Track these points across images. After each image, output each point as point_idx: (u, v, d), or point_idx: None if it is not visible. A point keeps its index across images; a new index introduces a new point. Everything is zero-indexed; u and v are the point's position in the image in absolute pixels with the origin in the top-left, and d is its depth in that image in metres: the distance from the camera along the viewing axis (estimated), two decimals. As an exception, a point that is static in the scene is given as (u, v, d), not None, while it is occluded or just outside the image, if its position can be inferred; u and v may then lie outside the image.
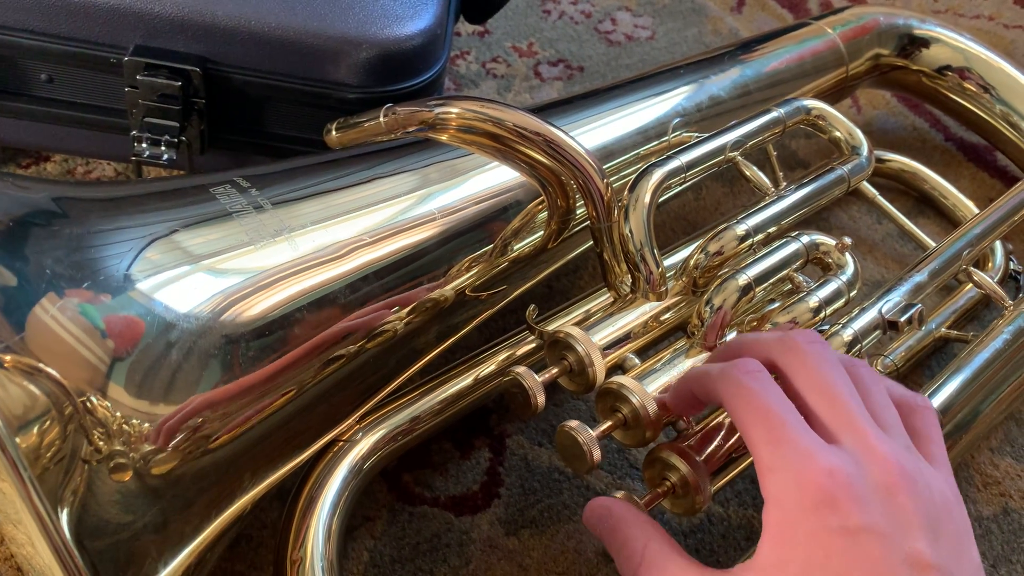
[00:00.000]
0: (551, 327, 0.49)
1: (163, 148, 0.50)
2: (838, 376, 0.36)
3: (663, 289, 0.43)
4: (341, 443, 0.42)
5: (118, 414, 0.31)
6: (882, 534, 0.32)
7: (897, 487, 0.34)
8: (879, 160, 0.68)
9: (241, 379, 0.34)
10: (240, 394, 0.34)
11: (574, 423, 0.40)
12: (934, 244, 0.60)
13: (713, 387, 0.37)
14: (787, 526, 0.33)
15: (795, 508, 0.33)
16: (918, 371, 0.59)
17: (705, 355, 0.43)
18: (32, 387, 0.29)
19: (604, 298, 0.51)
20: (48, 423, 0.29)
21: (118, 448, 0.30)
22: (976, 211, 0.66)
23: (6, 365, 0.29)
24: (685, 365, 0.42)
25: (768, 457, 0.34)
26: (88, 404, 0.30)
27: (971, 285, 0.58)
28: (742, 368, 0.36)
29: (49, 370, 0.29)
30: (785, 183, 0.59)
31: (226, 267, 0.36)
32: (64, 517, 0.29)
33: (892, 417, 0.37)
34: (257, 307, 0.36)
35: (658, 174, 0.45)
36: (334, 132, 0.47)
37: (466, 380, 0.47)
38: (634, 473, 0.51)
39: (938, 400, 0.48)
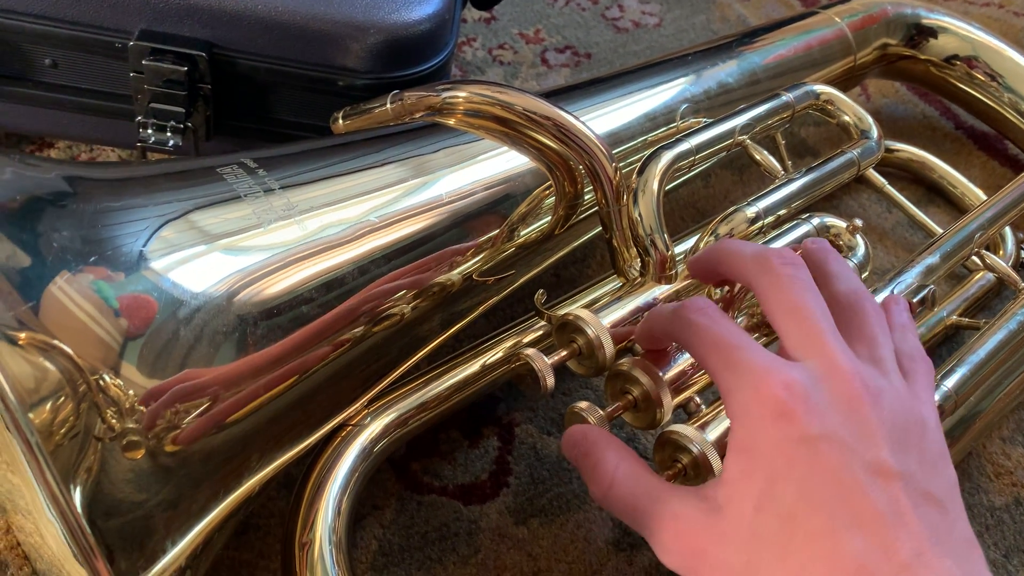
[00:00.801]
0: (560, 312, 0.48)
1: (168, 134, 0.50)
2: (809, 298, 0.37)
3: (673, 272, 0.43)
4: (350, 427, 0.42)
5: (131, 393, 0.31)
6: (842, 442, 0.33)
7: (859, 399, 0.34)
8: (887, 150, 0.68)
9: (249, 358, 0.34)
10: (248, 374, 0.34)
11: (583, 404, 0.40)
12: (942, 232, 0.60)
13: (668, 329, 0.38)
14: (749, 440, 0.34)
15: (756, 422, 0.34)
16: (930, 358, 0.58)
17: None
18: (46, 363, 0.29)
19: (613, 285, 0.50)
20: (62, 399, 0.29)
21: (131, 426, 0.30)
22: (984, 199, 0.66)
23: (20, 342, 0.29)
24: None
25: (727, 380, 0.35)
26: (101, 382, 0.30)
27: (982, 273, 0.58)
28: (691, 308, 0.37)
29: (63, 347, 0.29)
30: (794, 171, 0.58)
31: (237, 248, 0.36)
32: (77, 495, 0.29)
33: (885, 348, 0.37)
34: (268, 288, 0.36)
35: (667, 157, 0.45)
36: (340, 120, 0.46)
37: (473, 366, 0.47)
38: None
39: (950, 383, 0.47)
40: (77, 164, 0.37)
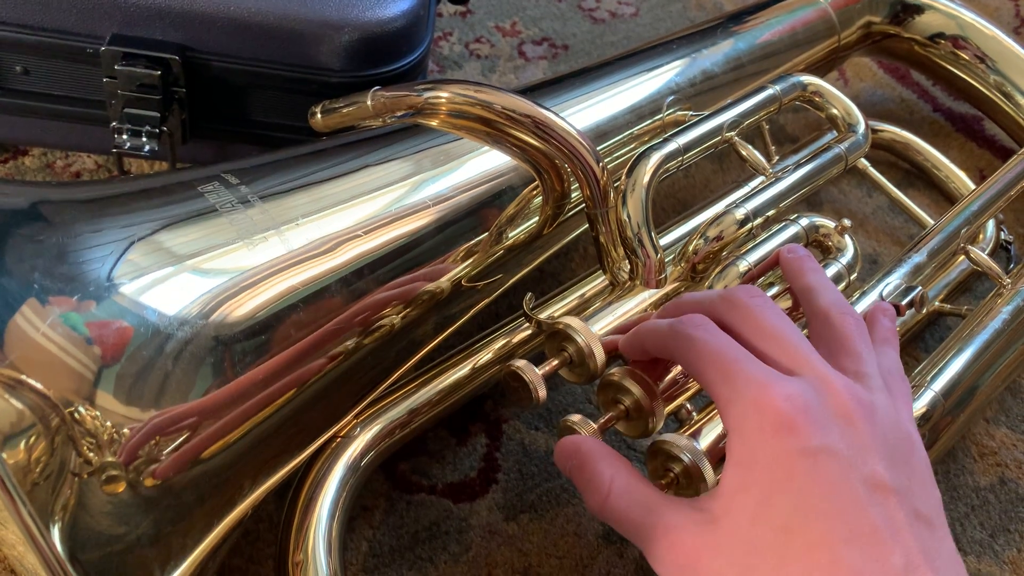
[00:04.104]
0: (547, 313, 0.48)
1: (144, 139, 0.49)
2: (785, 322, 0.37)
3: (662, 277, 0.43)
4: (339, 439, 0.42)
5: (108, 423, 0.30)
6: (841, 455, 0.33)
7: (855, 414, 0.34)
8: (872, 130, 0.68)
9: (237, 381, 0.33)
10: (236, 396, 0.33)
11: (576, 417, 0.40)
12: (927, 217, 0.60)
13: (663, 344, 0.38)
14: (748, 452, 0.34)
15: (755, 434, 0.34)
16: (913, 344, 0.59)
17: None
18: (15, 401, 0.28)
19: (599, 281, 0.50)
20: (35, 437, 0.28)
21: (109, 459, 0.30)
22: (968, 183, 0.66)
23: None
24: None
25: (726, 393, 0.35)
26: (76, 415, 0.29)
27: (963, 257, 0.58)
28: (688, 323, 0.37)
29: (32, 382, 0.29)
30: (777, 158, 0.58)
31: (215, 266, 0.35)
32: (56, 532, 0.28)
33: (869, 364, 0.38)
34: (249, 306, 0.35)
35: (656, 158, 0.44)
36: (319, 115, 0.46)
37: (463, 370, 0.46)
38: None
39: (941, 383, 0.48)
40: (48, 186, 0.36)
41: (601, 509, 0.37)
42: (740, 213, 0.47)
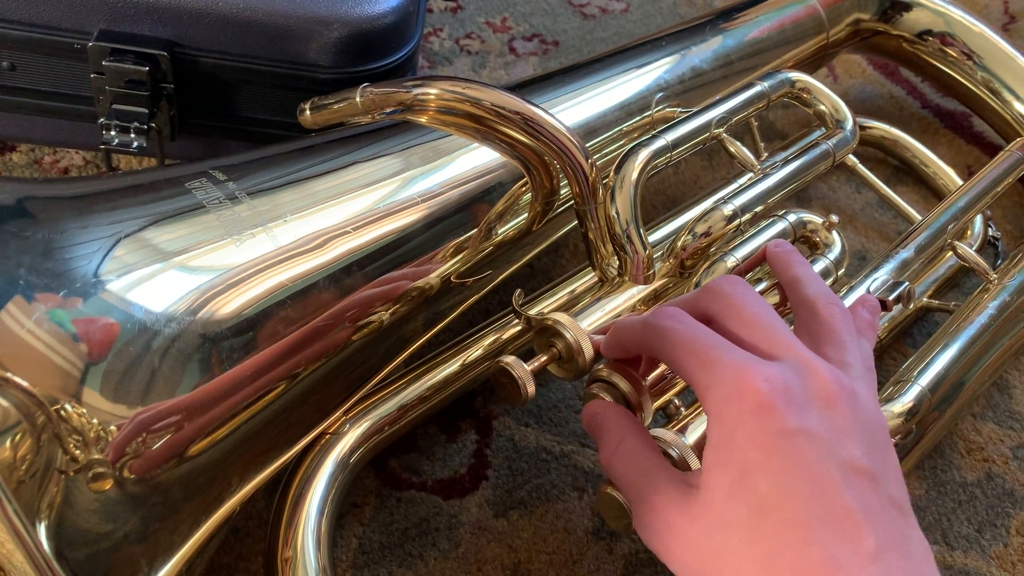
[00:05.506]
0: (536, 310, 0.48)
1: (132, 135, 0.49)
2: (766, 309, 0.37)
3: (650, 273, 0.43)
4: (327, 436, 0.42)
5: (95, 420, 0.30)
6: (819, 438, 0.33)
7: (835, 398, 0.35)
8: (860, 127, 0.68)
9: (223, 376, 0.33)
10: (223, 393, 0.33)
11: (598, 385, 0.40)
12: (915, 213, 0.60)
13: (640, 338, 0.38)
14: (727, 433, 0.34)
15: (735, 416, 0.34)
16: (901, 340, 0.59)
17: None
18: (0, 399, 0.28)
19: (588, 278, 0.50)
20: (20, 435, 0.28)
21: (96, 457, 0.30)
22: (957, 179, 0.66)
23: None
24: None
25: (705, 379, 0.35)
26: (62, 412, 0.29)
27: (951, 253, 0.58)
28: (663, 315, 0.38)
29: (17, 379, 0.28)
30: (766, 154, 0.58)
31: (202, 263, 0.35)
32: (42, 530, 0.28)
33: (853, 354, 0.38)
34: (236, 303, 0.35)
35: (644, 154, 0.44)
36: (308, 112, 0.46)
37: (453, 366, 0.46)
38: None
39: (928, 378, 0.48)
40: (34, 183, 0.36)
41: (607, 465, 0.38)
42: (728, 209, 0.47)
